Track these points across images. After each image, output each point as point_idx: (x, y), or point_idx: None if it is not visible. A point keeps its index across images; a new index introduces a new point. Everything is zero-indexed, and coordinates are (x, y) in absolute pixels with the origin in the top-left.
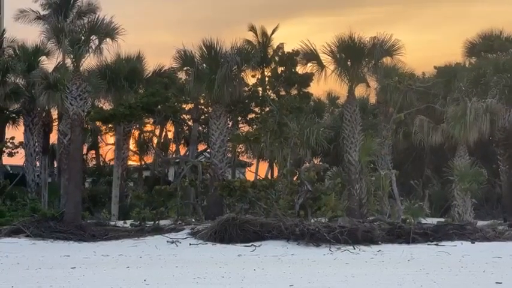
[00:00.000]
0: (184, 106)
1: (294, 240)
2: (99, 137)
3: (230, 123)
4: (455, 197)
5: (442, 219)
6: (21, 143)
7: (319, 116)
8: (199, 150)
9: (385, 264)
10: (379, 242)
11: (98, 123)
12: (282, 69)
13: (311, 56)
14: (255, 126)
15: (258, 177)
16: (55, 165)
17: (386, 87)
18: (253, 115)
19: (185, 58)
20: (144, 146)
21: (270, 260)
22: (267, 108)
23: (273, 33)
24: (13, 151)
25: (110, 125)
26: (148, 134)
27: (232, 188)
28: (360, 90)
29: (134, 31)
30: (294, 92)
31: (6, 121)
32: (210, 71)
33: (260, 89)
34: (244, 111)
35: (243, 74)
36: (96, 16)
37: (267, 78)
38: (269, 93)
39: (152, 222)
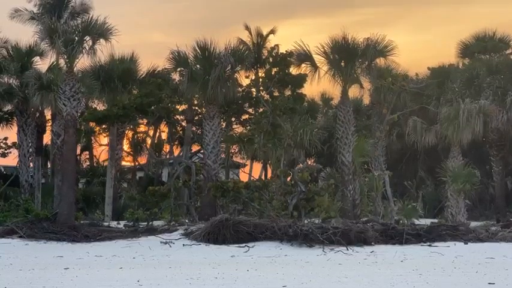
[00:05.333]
0: (178, 107)
1: (288, 241)
2: (92, 137)
3: (224, 124)
4: (449, 198)
5: (435, 220)
6: (14, 144)
7: (312, 117)
8: (193, 151)
9: (378, 265)
10: (373, 243)
11: (91, 123)
12: (276, 70)
13: (305, 57)
14: (248, 127)
15: (251, 178)
16: (48, 166)
17: (380, 88)
18: (246, 116)
19: (179, 59)
20: (137, 146)
21: (264, 260)
22: (261, 109)
23: (268, 35)
24: (6, 151)
25: (103, 126)
26: (142, 134)
27: (226, 189)
28: (353, 91)
29: (129, 31)
30: (287, 92)
31: None
32: (203, 71)
33: (254, 89)
34: (238, 112)
35: (236, 74)
36: (90, 16)
37: (260, 79)
38: (263, 94)
39: (146, 223)
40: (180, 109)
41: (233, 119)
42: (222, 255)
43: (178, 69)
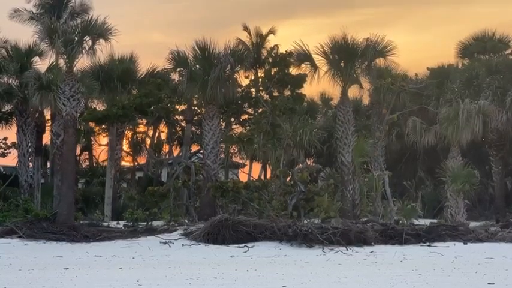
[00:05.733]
0: (177, 107)
1: (287, 241)
2: (92, 137)
3: (223, 124)
4: (448, 198)
5: (435, 220)
6: (13, 144)
7: (312, 117)
8: (192, 151)
9: (378, 265)
10: (372, 243)
11: (91, 124)
12: (275, 70)
13: (304, 57)
14: (248, 127)
15: (251, 178)
16: (48, 166)
17: (380, 88)
18: (246, 116)
19: (178, 59)
20: (137, 146)
21: (263, 261)
22: (260, 109)
23: (267, 35)
24: (6, 152)
25: (103, 126)
26: (141, 134)
27: (225, 189)
28: (353, 91)
29: (129, 31)
30: (287, 93)
31: None
32: (203, 71)
33: (253, 90)
34: (238, 112)
35: (236, 74)
36: (89, 16)
37: (260, 79)
38: (262, 94)
39: (145, 223)
40: (179, 109)
41: (232, 119)
42: (222, 255)
43: (178, 69)
